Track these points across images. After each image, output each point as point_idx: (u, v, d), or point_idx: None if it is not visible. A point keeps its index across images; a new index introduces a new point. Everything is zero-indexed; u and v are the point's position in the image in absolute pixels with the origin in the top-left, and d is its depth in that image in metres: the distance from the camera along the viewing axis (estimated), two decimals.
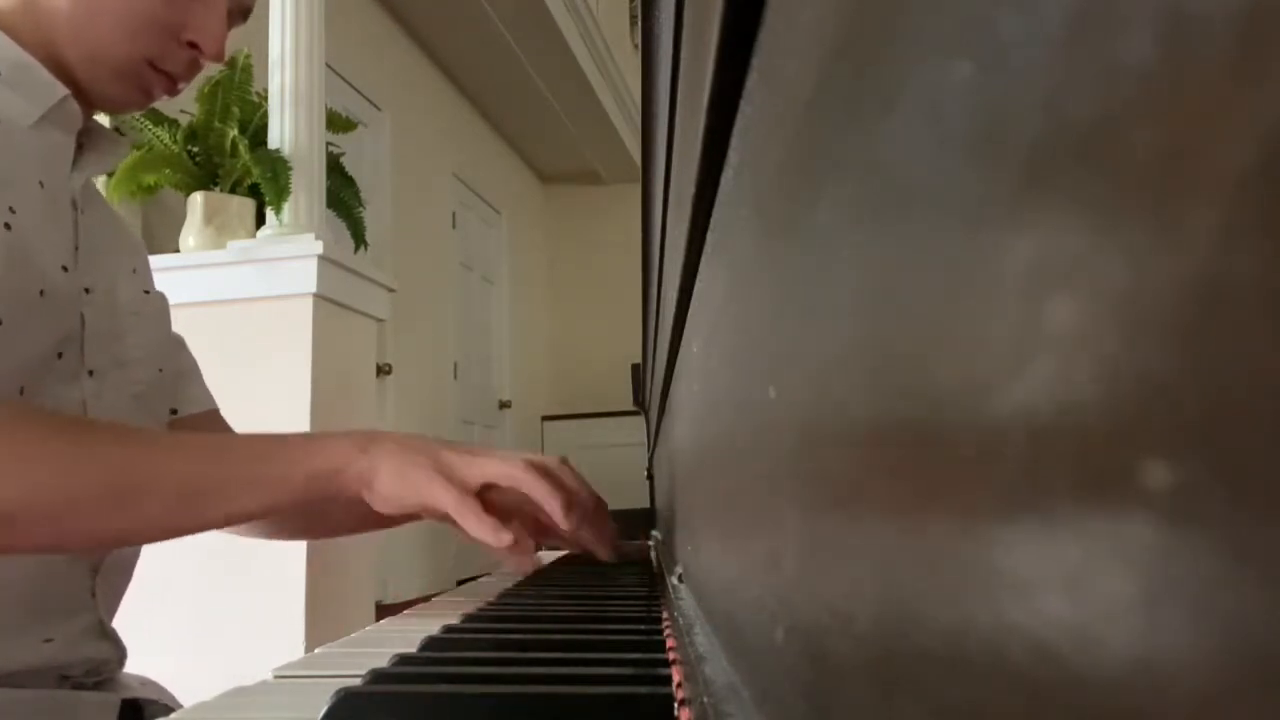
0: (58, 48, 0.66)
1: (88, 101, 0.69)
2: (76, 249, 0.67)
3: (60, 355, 0.64)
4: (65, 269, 0.65)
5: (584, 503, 0.73)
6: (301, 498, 0.63)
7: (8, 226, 0.59)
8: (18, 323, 0.60)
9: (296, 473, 0.62)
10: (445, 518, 0.65)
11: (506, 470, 0.66)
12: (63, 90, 0.66)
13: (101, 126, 0.74)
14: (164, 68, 0.69)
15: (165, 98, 0.72)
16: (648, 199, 0.96)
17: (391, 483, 0.64)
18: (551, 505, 0.67)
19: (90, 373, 0.67)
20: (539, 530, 0.74)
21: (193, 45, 0.69)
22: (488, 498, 0.65)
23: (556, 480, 0.69)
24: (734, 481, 0.29)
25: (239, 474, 0.61)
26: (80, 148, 0.70)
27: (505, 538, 0.64)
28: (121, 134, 1.90)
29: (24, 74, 0.65)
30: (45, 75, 0.66)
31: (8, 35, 0.65)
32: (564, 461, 0.73)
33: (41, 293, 0.61)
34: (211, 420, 0.86)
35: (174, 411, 0.82)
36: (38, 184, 0.64)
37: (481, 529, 0.63)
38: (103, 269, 0.70)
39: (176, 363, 0.83)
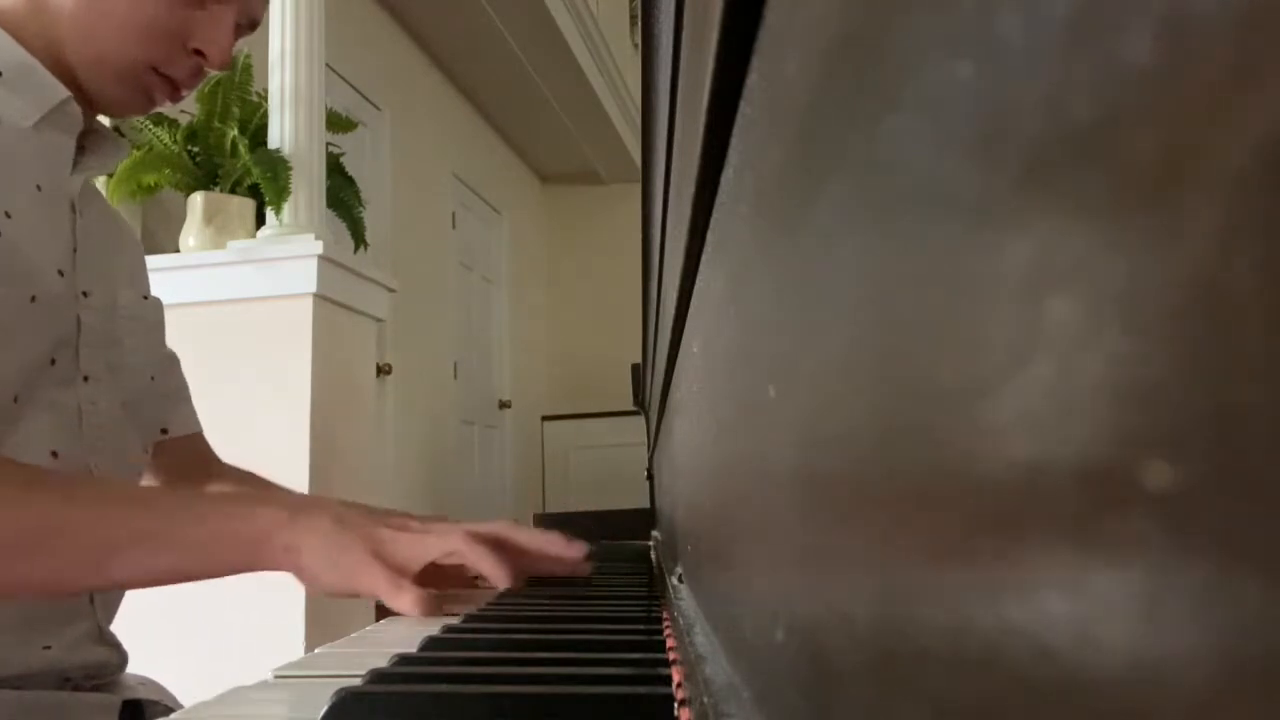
0: (61, 49, 0.66)
1: (89, 103, 0.69)
2: (74, 252, 0.67)
3: (54, 361, 0.64)
4: (61, 273, 0.65)
5: (546, 550, 0.69)
6: (223, 565, 0.60)
7: None
8: (8, 330, 0.59)
9: (218, 537, 0.59)
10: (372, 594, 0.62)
11: (448, 547, 0.63)
12: (64, 92, 0.66)
13: (103, 128, 0.73)
14: (168, 73, 0.69)
15: (167, 104, 0.72)
16: (648, 199, 0.96)
17: (321, 564, 0.60)
18: (496, 576, 0.64)
19: (85, 378, 0.67)
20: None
21: (198, 53, 0.69)
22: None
23: (505, 545, 0.66)
24: (734, 481, 0.29)
25: (157, 530, 0.57)
26: (81, 149, 0.70)
27: (438, 616, 0.61)
28: (121, 135, 1.90)
29: (25, 75, 0.65)
30: (47, 77, 0.65)
31: (11, 35, 0.65)
32: (513, 522, 0.71)
33: (33, 299, 0.61)
34: (196, 443, 0.85)
35: (164, 431, 0.81)
36: (35, 187, 0.64)
37: (418, 610, 0.60)
38: (101, 273, 0.70)
39: (169, 378, 0.82)
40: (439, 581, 0.69)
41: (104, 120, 0.84)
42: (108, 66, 0.67)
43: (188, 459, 0.83)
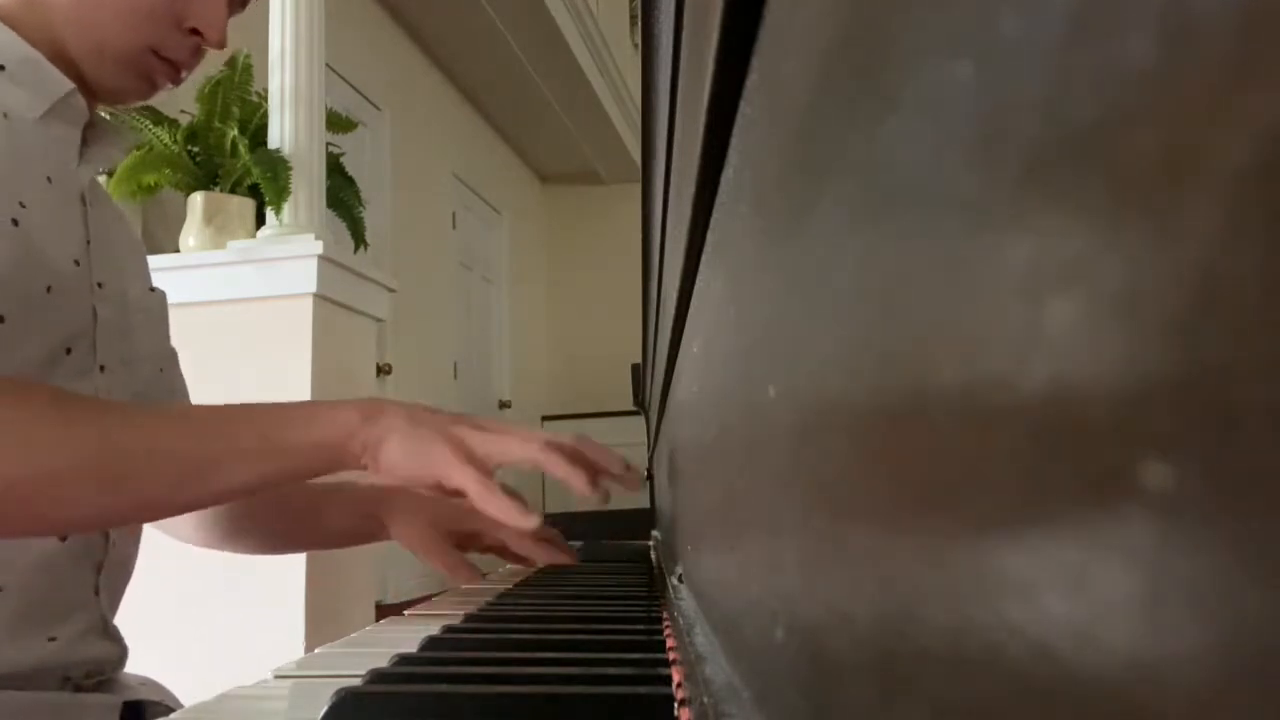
0: (61, 40, 0.66)
1: (92, 94, 0.70)
2: (88, 243, 0.68)
3: (69, 350, 0.64)
4: (77, 263, 0.65)
5: (608, 467, 0.69)
6: (305, 468, 0.61)
7: (15, 223, 0.59)
8: (22, 321, 0.60)
9: (299, 443, 0.60)
10: (454, 493, 0.62)
11: (526, 453, 0.63)
12: (68, 84, 0.66)
13: (105, 119, 0.74)
14: (167, 55, 0.69)
15: (169, 87, 0.72)
16: (648, 199, 0.96)
17: (400, 454, 0.61)
18: (577, 484, 0.64)
19: (101, 368, 0.67)
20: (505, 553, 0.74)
21: (195, 32, 0.69)
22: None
23: (578, 457, 0.66)
24: (734, 481, 0.29)
25: (239, 446, 0.59)
26: (85, 142, 0.70)
27: (533, 520, 0.62)
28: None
29: (30, 68, 0.65)
30: (51, 69, 0.66)
31: (11, 30, 0.65)
32: (582, 438, 0.70)
33: (49, 289, 0.61)
34: None
35: None
36: (45, 179, 0.64)
37: (506, 512, 0.61)
38: (113, 264, 0.71)
39: (173, 373, 0.83)
40: (470, 544, 0.70)
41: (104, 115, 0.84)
42: (108, 54, 0.67)
43: None
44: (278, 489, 0.63)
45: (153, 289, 0.78)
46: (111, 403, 0.60)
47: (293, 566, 1.72)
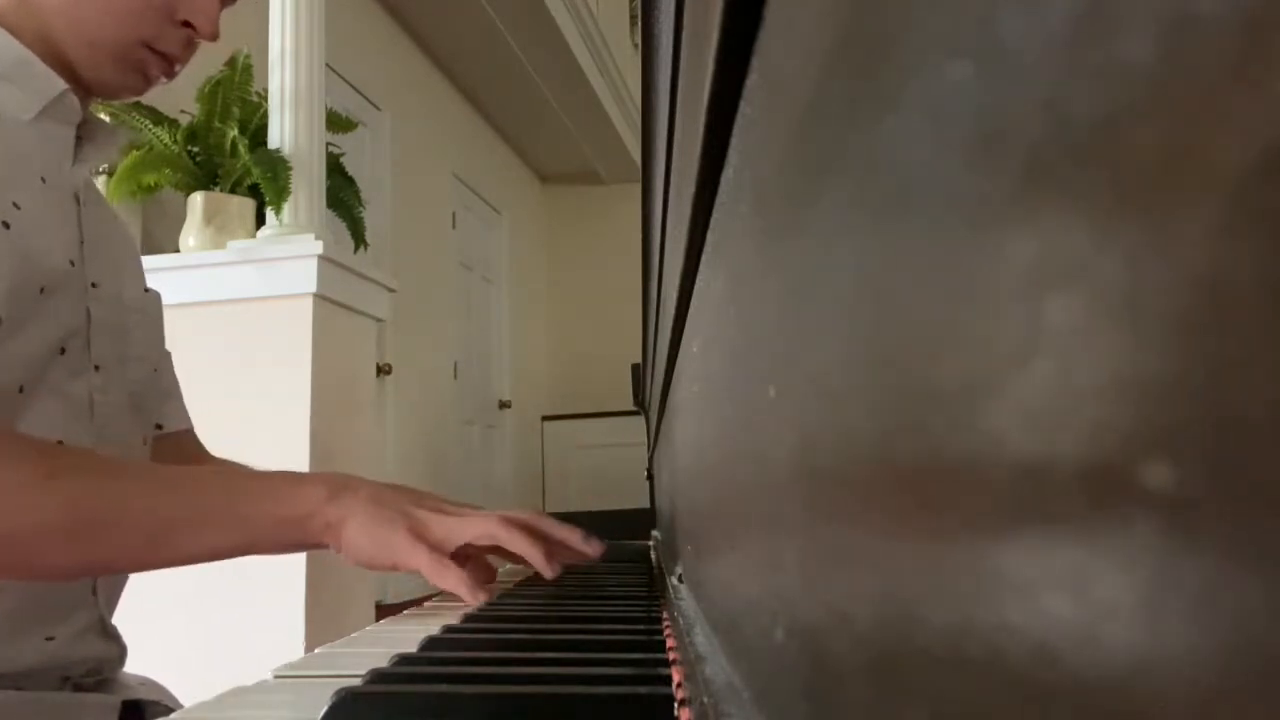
0: (53, 38, 0.66)
1: (86, 90, 0.70)
2: (82, 243, 0.68)
3: (63, 350, 0.64)
4: (71, 263, 0.65)
5: (567, 540, 0.72)
6: (268, 541, 0.63)
7: (6, 225, 0.59)
8: (16, 322, 0.60)
9: (263, 515, 0.62)
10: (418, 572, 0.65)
11: (484, 530, 0.65)
12: (61, 84, 0.66)
13: (98, 119, 0.74)
14: (160, 49, 0.69)
15: (163, 81, 0.72)
16: (648, 199, 0.96)
17: (362, 539, 0.63)
18: (536, 559, 0.67)
19: (96, 367, 0.67)
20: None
21: (187, 24, 0.69)
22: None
23: (535, 531, 0.68)
24: (734, 481, 0.29)
25: (205, 514, 0.60)
26: (79, 141, 0.70)
27: (481, 596, 0.64)
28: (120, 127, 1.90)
29: (22, 69, 0.65)
30: (44, 70, 0.66)
31: (3, 30, 0.65)
32: (538, 514, 0.73)
33: (42, 290, 0.61)
34: (187, 439, 0.86)
35: (159, 425, 0.81)
36: (40, 179, 0.64)
37: (459, 589, 0.63)
38: (108, 264, 0.71)
39: (167, 373, 0.83)
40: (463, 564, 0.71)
41: (103, 118, 0.84)
42: (102, 50, 0.67)
43: (180, 455, 0.84)
44: (247, 555, 0.64)
45: (147, 290, 0.79)
46: (87, 456, 0.61)
47: (293, 566, 1.72)
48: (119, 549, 0.58)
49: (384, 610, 0.60)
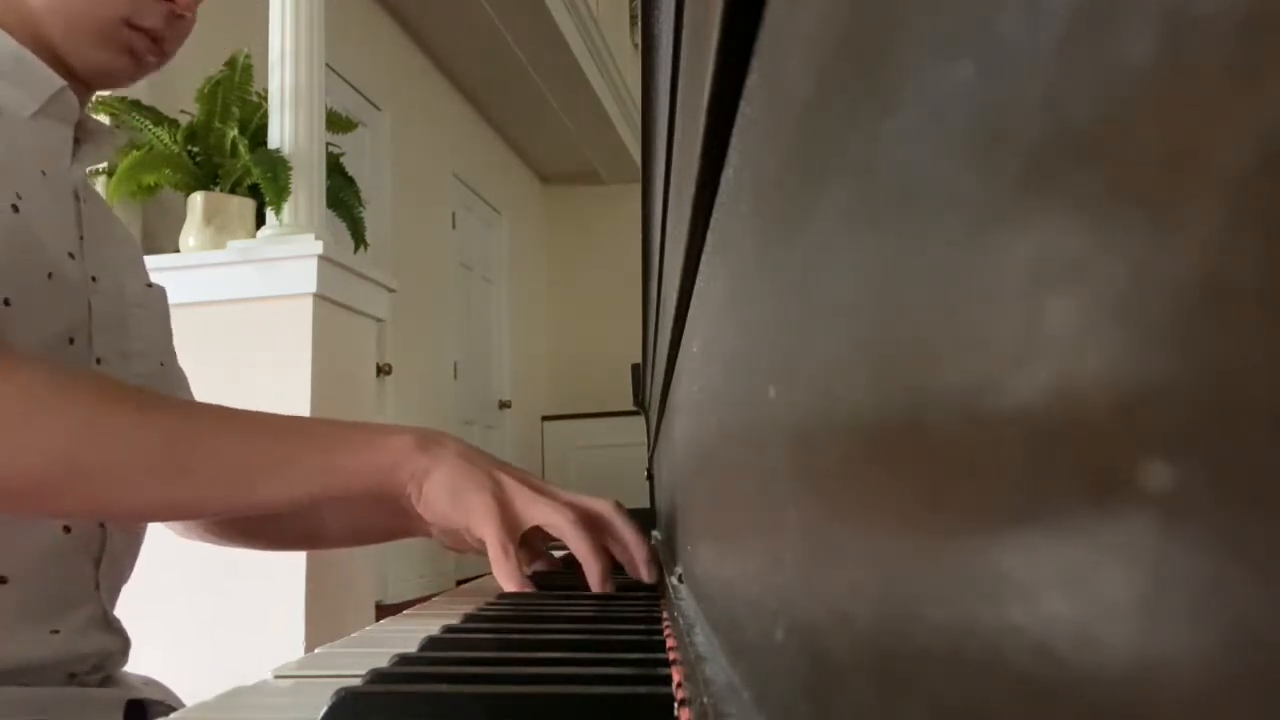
0: (41, 30, 0.67)
1: (84, 84, 0.70)
2: (81, 238, 0.68)
3: (71, 341, 0.65)
4: (72, 256, 0.66)
5: (633, 555, 0.70)
6: (353, 488, 0.61)
7: (15, 209, 0.60)
8: (28, 305, 0.60)
9: (351, 463, 0.61)
10: (471, 544, 0.64)
11: (556, 519, 0.64)
12: (59, 81, 0.67)
13: (96, 120, 0.74)
14: (142, 25, 0.69)
15: (154, 60, 0.71)
16: (648, 199, 0.96)
17: (443, 494, 0.62)
18: (592, 572, 0.65)
19: (99, 361, 0.68)
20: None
21: None
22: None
23: (599, 540, 0.67)
24: (734, 481, 0.29)
25: (297, 457, 0.60)
26: (77, 141, 0.71)
27: (526, 587, 0.63)
28: (118, 128, 1.90)
29: (20, 66, 0.65)
30: (41, 67, 0.66)
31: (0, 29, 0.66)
32: (617, 507, 0.70)
33: (50, 275, 0.62)
34: None
35: None
36: (40, 174, 0.65)
37: (509, 581, 0.62)
38: (108, 260, 0.71)
39: (174, 366, 0.83)
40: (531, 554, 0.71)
41: (101, 117, 0.84)
42: (83, 32, 0.67)
43: None
44: (319, 505, 0.63)
45: (150, 285, 0.79)
46: (174, 398, 0.61)
47: (293, 566, 1.72)
48: (208, 490, 0.57)
49: (384, 610, 0.60)
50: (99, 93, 1.69)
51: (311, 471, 0.60)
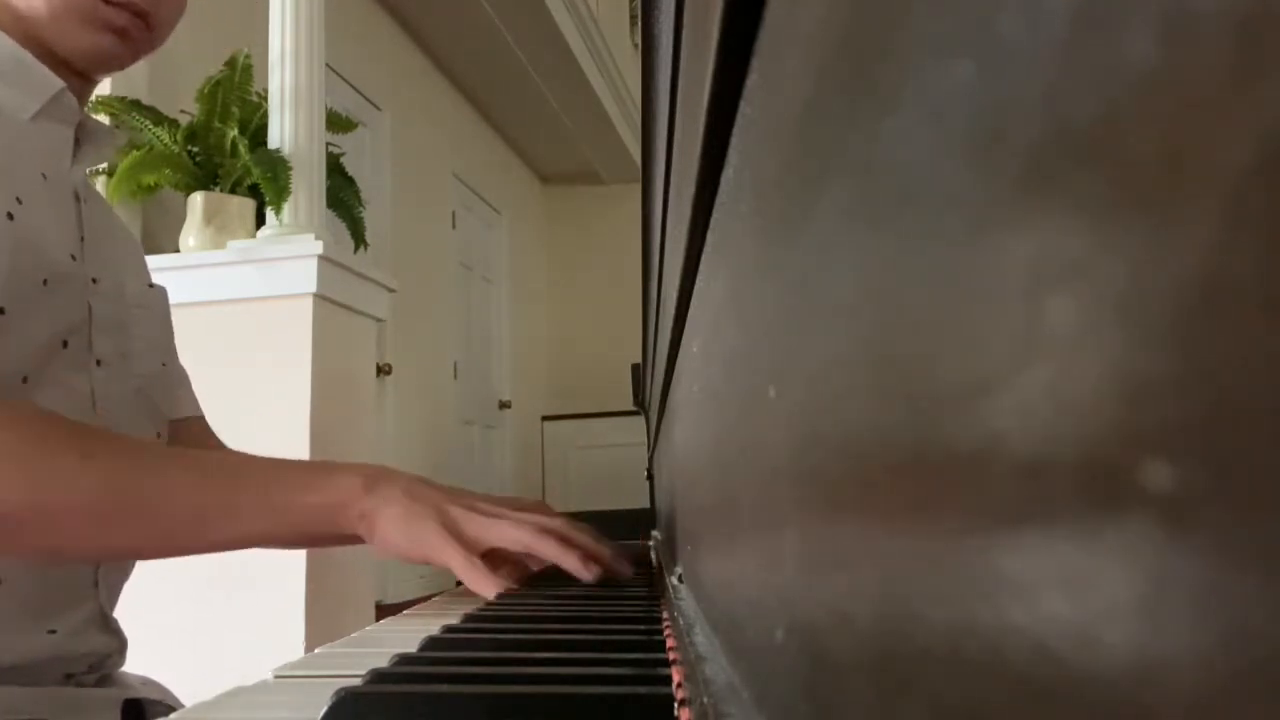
0: (29, 24, 0.67)
1: (79, 72, 0.70)
2: (82, 240, 0.68)
3: (65, 344, 0.65)
4: (73, 258, 0.66)
5: (600, 555, 0.71)
6: (302, 529, 0.63)
7: (10, 216, 0.60)
8: (21, 311, 0.60)
9: (299, 503, 0.62)
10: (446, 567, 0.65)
11: (515, 535, 0.65)
12: (59, 83, 0.67)
13: (96, 120, 0.74)
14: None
15: (146, 39, 0.70)
16: (648, 199, 0.96)
17: (394, 531, 0.63)
18: (572, 565, 0.66)
19: (98, 362, 0.68)
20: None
21: None
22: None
23: (568, 540, 0.68)
24: (734, 481, 0.29)
25: (245, 499, 0.61)
26: (77, 142, 0.71)
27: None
28: (118, 128, 1.90)
29: (19, 68, 0.66)
30: (40, 69, 0.66)
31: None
32: (574, 524, 0.72)
33: (45, 281, 0.62)
34: (198, 427, 0.86)
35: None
36: (40, 176, 0.65)
37: (486, 589, 0.63)
38: (108, 260, 0.71)
39: (175, 366, 0.83)
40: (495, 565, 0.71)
41: (101, 117, 0.84)
42: (64, 17, 0.67)
43: (193, 442, 0.84)
44: (283, 546, 0.64)
45: (151, 285, 0.79)
46: (123, 440, 0.61)
47: (293, 566, 1.72)
48: (150, 533, 0.58)
49: (384, 610, 0.60)
50: (99, 92, 1.68)
51: (260, 512, 0.61)
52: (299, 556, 1.72)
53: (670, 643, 0.44)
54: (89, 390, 0.67)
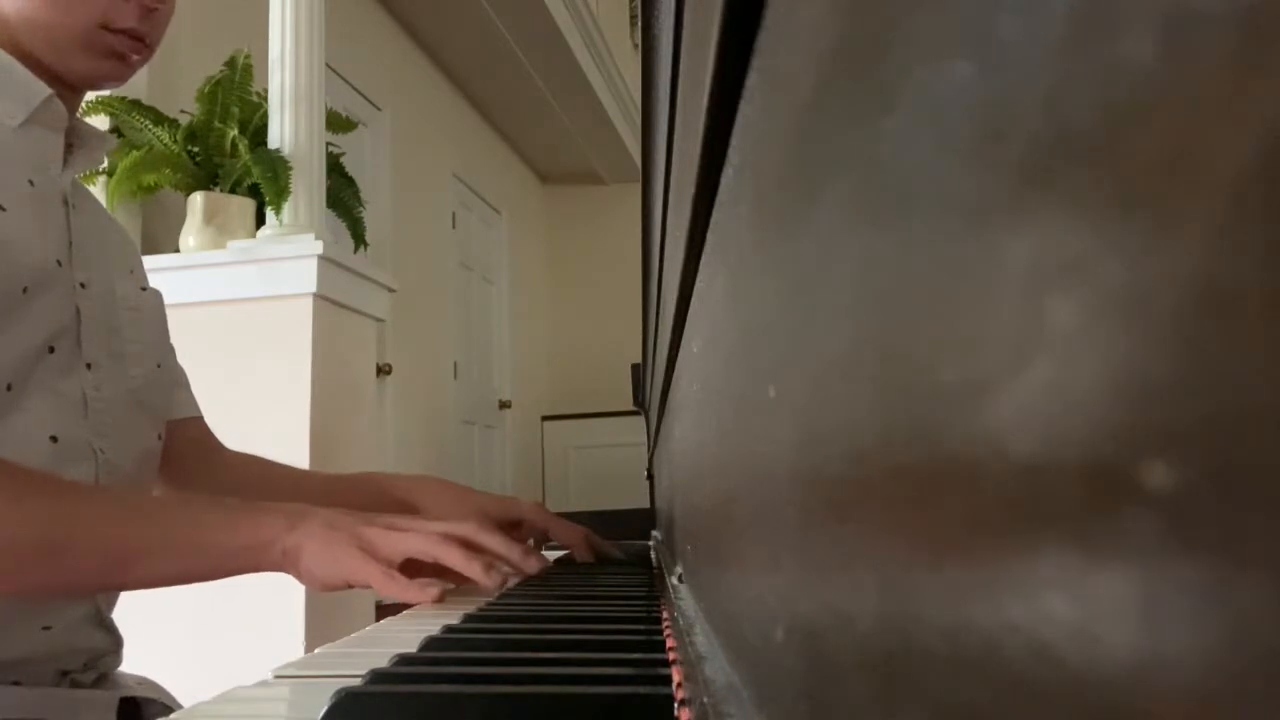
0: (22, 43, 0.67)
1: (73, 89, 0.70)
2: (70, 245, 0.68)
3: (52, 349, 0.65)
4: (59, 263, 0.66)
5: (508, 558, 0.74)
6: (229, 567, 0.65)
7: None
8: (2, 322, 0.60)
9: (227, 543, 0.64)
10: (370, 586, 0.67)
11: (423, 546, 0.68)
12: (45, 90, 0.67)
13: (87, 125, 0.75)
14: (119, 27, 0.69)
15: (138, 59, 0.71)
16: (648, 199, 0.96)
17: (317, 562, 0.66)
18: (473, 572, 0.69)
19: (88, 365, 0.68)
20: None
21: None
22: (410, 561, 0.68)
23: (474, 547, 0.71)
24: (734, 481, 0.29)
25: (170, 539, 0.63)
26: (69, 147, 0.71)
27: (431, 593, 0.67)
28: (121, 134, 1.90)
29: (5, 76, 0.66)
30: (27, 76, 0.67)
31: None
32: (480, 525, 0.74)
33: (25, 290, 0.62)
34: (197, 427, 0.87)
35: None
36: (28, 183, 0.65)
37: (408, 594, 0.66)
38: (98, 264, 0.71)
39: (172, 367, 0.83)
40: (438, 575, 0.73)
41: (100, 121, 0.84)
42: (62, 42, 0.68)
43: (191, 442, 0.85)
44: (202, 583, 0.67)
45: (144, 288, 0.79)
46: (55, 482, 0.63)
47: None
48: (80, 572, 0.60)
49: (384, 610, 0.61)
50: (98, 93, 1.68)
51: (184, 552, 0.63)
52: None
53: (670, 643, 0.44)
54: (80, 394, 0.67)
